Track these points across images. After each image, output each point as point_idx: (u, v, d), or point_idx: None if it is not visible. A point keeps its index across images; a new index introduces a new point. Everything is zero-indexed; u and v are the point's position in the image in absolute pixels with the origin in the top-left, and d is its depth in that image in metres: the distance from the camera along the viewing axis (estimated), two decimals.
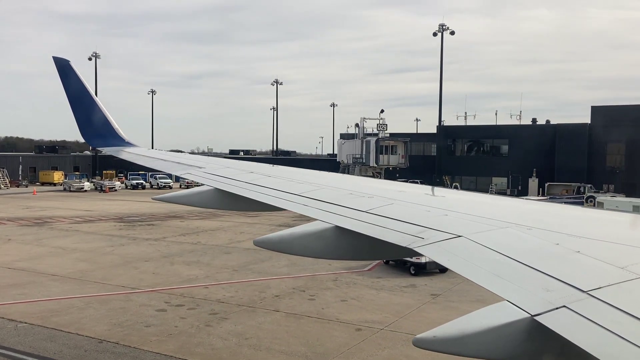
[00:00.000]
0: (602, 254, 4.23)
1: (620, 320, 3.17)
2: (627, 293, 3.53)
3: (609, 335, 3.04)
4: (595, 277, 3.79)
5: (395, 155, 79.36)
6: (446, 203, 6.85)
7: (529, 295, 3.67)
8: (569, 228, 5.10)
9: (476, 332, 3.43)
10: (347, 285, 26.56)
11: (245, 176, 9.83)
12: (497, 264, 4.31)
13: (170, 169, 12.84)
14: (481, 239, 4.87)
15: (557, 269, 3.96)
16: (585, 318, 3.23)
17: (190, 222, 49.95)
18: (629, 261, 3.99)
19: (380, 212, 6.27)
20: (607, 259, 4.09)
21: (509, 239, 4.88)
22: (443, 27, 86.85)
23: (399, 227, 5.64)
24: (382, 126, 79.51)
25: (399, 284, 27.19)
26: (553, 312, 3.37)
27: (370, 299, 24.09)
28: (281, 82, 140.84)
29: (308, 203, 7.41)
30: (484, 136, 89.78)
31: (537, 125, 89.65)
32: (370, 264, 31.52)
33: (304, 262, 31.86)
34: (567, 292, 3.59)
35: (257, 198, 8.36)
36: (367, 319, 21.09)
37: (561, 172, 78.87)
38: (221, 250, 35.57)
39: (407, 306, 23.14)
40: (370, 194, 7.41)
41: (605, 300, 3.40)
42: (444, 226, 5.38)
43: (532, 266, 4.10)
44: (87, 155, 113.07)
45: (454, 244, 4.90)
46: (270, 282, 26.91)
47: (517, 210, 6.61)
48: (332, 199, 7.28)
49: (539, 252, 4.47)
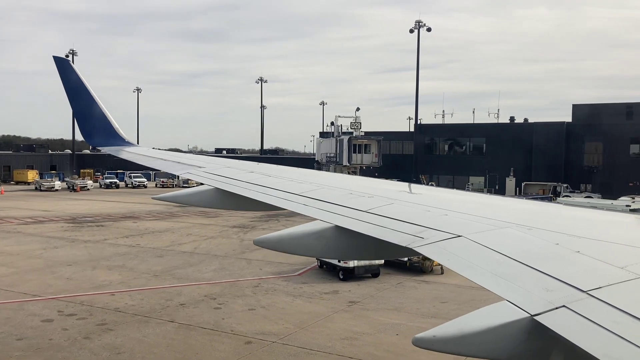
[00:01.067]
0: (601, 254, 4.21)
1: (620, 320, 3.15)
2: (627, 293, 3.53)
3: (609, 335, 3.02)
4: (595, 277, 3.78)
5: (369, 154, 78.17)
6: (446, 203, 6.74)
7: (528, 295, 3.65)
8: (569, 228, 5.07)
9: (476, 332, 3.41)
10: (265, 292, 25.28)
11: (246, 176, 9.78)
12: (497, 263, 4.29)
13: (171, 169, 12.83)
14: (481, 238, 4.84)
15: (557, 269, 3.95)
16: (585, 318, 3.22)
17: (143, 223, 48.78)
18: (629, 261, 3.97)
19: (380, 212, 6.25)
20: (607, 259, 4.08)
21: (509, 239, 4.87)
22: (420, 23, 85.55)
23: (399, 227, 5.61)
24: (356, 124, 78.17)
25: (321, 290, 25.93)
26: (553, 312, 3.37)
27: (280, 308, 22.80)
28: (266, 80, 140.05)
29: (308, 202, 7.38)
30: (461, 135, 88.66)
31: (515, 124, 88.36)
32: (302, 268, 30.25)
33: (234, 267, 30.71)
34: (566, 292, 3.58)
35: (257, 197, 8.32)
36: (264, 330, 19.84)
37: (538, 171, 77.76)
38: (155, 254, 34.31)
39: (316, 315, 21.84)
40: (370, 193, 7.37)
41: (605, 300, 3.39)
42: (444, 226, 5.35)
43: (532, 266, 4.08)
44: (66, 154, 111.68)
45: (453, 243, 4.88)
46: (185, 289, 25.67)
47: (517, 211, 6.61)
48: (332, 198, 7.25)
49: (539, 252, 4.45)
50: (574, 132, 78.51)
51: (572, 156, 77.91)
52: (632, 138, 75.75)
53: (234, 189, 8.98)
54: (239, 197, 8.71)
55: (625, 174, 72.84)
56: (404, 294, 25.55)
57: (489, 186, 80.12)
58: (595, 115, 77.98)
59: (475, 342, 3.41)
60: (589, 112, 79.80)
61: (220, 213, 56.30)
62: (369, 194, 7.34)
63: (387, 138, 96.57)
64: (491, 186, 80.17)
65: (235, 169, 10.77)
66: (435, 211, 6.08)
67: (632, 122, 76.31)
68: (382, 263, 28.85)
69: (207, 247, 37.02)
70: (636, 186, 72.58)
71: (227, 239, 40.26)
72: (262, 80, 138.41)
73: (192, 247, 36.76)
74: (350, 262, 27.55)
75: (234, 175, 9.89)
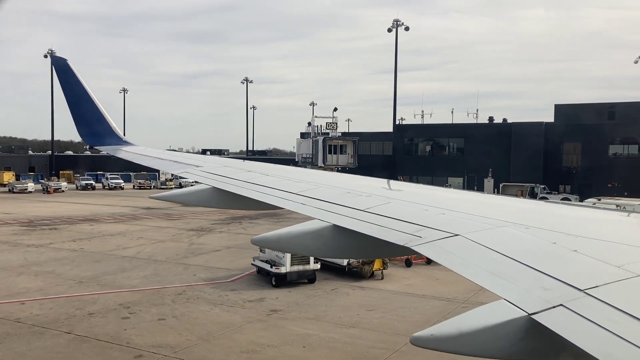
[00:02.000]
0: (598, 252, 4.23)
1: (617, 318, 3.17)
2: (624, 292, 3.53)
3: (606, 334, 3.04)
4: (592, 275, 3.78)
5: (345, 155, 76.52)
6: (444, 202, 6.69)
7: (526, 294, 3.65)
8: (566, 227, 5.08)
9: (473, 331, 3.40)
10: (186, 301, 24.17)
11: (243, 175, 9.73)
12: (495, 262, 4.28)
13: (168, 168, 12.76)
14: (479, 237, 4.84)
15: (554, 268, 3.95)
16: (582, 317, 3.22)
17: (101, 225, 47.73)
18: (625, 260, 3.98)
19: (378, 211, 6.23)
20: (604, 257, 4.09)
21: (507, 237, 4.87)
22: (397, 22, 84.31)
23: (397, 226, 5.59)
24: (332, 125, 76.80)
25: (247, 297, 24.82)
26: (550, 311, 3.36)
27: (193, 317, 21.73)
28: (251, 81, 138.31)
29: (306, 202, 7.34)
30: (440, 135, 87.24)
31: (493, 124, 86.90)
32: (240, 273, 29.26)
33: (168, 272, 29.66)
34: (564, 290, 3.58)
35: (255, 197, 8.30)
36: (162, 343, 18.80)
37: (517, 172, 75.11)
38: (93, 259, 33.25)
39: (227, 325, 20.77)
40: (368, 192, 7.35)
41: (602, 298, 3.39)
42: (442, 225, 5.32)
43: (529, 265, 4.07)
44: (45, 155, 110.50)
45: (451, 242, 4.87)
46: (103, 297, 24.59)
47: (514, 210, 6.59)
48: (330, 197, 7.23)
49: (536, 251, 4.47)
50: (553, 132, 77.11)
51: (551, 157, 76.54)
52: (611, 138, 74.55)
53: (232, 188, 8.95)
54: (237, 196, 8.69)
55: (604, 174, 71.61)
56: (333, 301, 24.44)
57: (468, 187, 78.93)
58: (577, 115, 76.82)
59: (473, 341, 3.39)
60: (571, 112, 78.63)
61: (184, 215, 55.38)
62: (366, 193, 7.32)
63: (368, 139, 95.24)
64: (470, 187, 78.90)
65: (232, 168, 10.74)
66: (433, 210, 6.06)
67: (611, 122, 75.14)
68: (318, 268, 27.81)
69: (151, 251, 35.89)
70: (615, 187, 71.38)
71: (176, 243, 39.14)
72: (247, 81, 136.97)
73: (136, 251, 35.64)
74: (282, 268, 26.50)
75: (231, 175, 9.87)
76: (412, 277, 29.62)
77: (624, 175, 70.50)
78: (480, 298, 25.39)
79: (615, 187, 70.64)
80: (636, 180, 69.09)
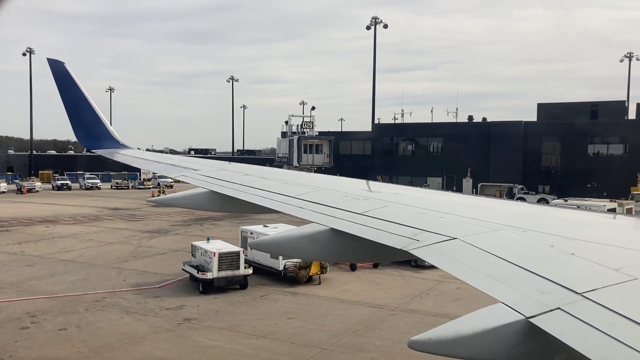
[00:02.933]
0: (596, 256, 4.22)
1: (614, 322, 3.16)
2: (621, 295, 3.53)
3: (604, 337, 3.02)
4: (590, 279, 3.78)
5: (320, 155, 74.64)
6: (441, 205, 6.69)
7: (523, 297, 3.65)
8: (563, 230, 5.08)
9: (471, 334, 3.41)
10: (101, 308, 23.23)
11: (240, 178, 9.77)
12: (492, 266, 4.29)
13: (165, 171, 12.78)
14: (476, 241, 4.85)
15: (552, 271, 3.94)
16: (579, 320, 3.22)
17: (56, 227, 46.71)
18: (623, 263, 3.97)
19: (376, 215, 6.23)
20: (601, 261, 4.08)
21: (504, 241, 4.87)
22: (376, 20, 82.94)
23: (394, 230, 5.61)
24: (308, 124, 75.41)
25: (167, 305, 23.83)
26: (548, 314, 3.36)
27: (98, 327, 20.74)
28: (237, 79, 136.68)
29: (303, 205, 7.34)
30: (419, 135, 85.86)
31: (472, 123, 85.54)
32: (172, 279, 28.08)
33: (99, 277, 28.61)
34: (561, 294, 3.58)
35: (252, 200, 8.32)
36: (49, 356, 18.29)
37: (496, 172, 73.62)
38: (28, 263, 32.36)
39: (130, 336, 20.03)
40: (366, 196, 7.39)
41: (600, 302, 3.39)
42: (439, 228, 5.35)
43: (527, 268, 4.08)
44: (24, 155, 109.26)
45: (449, 246, 4.87)
46: (14, 305, 23.77)
47: (512, 213, 6.61)
48: (328, 201, 7.24)
49: (534, 254, 4.48)
50: (532, 131, 75.74)
51: (530, 156, 75.09)
52: (590, 138, 73.24)
53: (229, 192, 8.97)
54: (234, 200, 8.70)
55: (583, 175, 70.12)
56: (256, 309, 23.31)
57: (447, 187, 77.76)
58: (559, 114, 75.35)
59: (471, 344, 3.40)
60: (554, 111, 77.19)
61: (148, 216, 54.31)
62: (364, 196, 7.33)
63: (348, 138, 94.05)
64: (449, 187, 77.72)
65: (230, 171, 10.84)
66: (431, 214, 6.07)
67: (590, 121, 73.77)
68: (250, 273, 26.67)
69: (94, 254, 34.80)
70: (594, 187, 70.00)
71: (124, 245, 38.00)
72: (232, 79, 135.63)
73: (78, 254, 34.52)
74: (208, 274, 25.32)
75: (228, 178, 9.92)
76: (352, 281, 28.50)
77: (604, 175, 69.16)
78: (414, 305, 24.28)
79: (594, 188, 69.38)
80: (616, 181, 67.78)
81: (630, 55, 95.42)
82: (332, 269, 30.68)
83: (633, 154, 69.08)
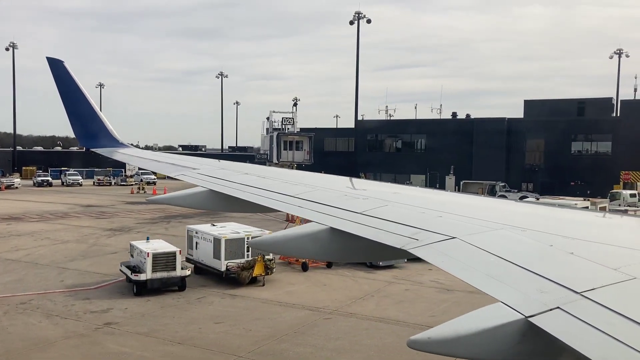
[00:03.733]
0: (595, 255, 4.22)
1: (614, 321, 3.15)
2: (621, 294, 3.54)
3: (603, 336, 3.03)
4: (589, 278, 3.78)
5: (300, 151, 73.53)
6: (441, 205, 6.67)
7: (523, 297, 3.64)
8: (563, 230, 5.06)
9: (471, 333, 3.40)
10: (22, 311, 22.39)
11: (240, 177, 9.82)
12: (492, 265, 4.27)
13: (164, 170, 12.74)
14: (475, 240, 4.83)
15: (551, 271, 3.94)
16: (579, 319, 3.23)
17: (19, 225, 46.05)
18: (623, 262, 3.97)
19: (375, 214, 6.24)
20: (601, 260, 4.08)
21: (503, 240, 4.85)
22: (359, 15, 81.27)
23: (394, 229, 5.60)
24: (288, 120, 74.29)
25: (94, 308, 23.06)
26: (547, 314, 3.37)
27: (8, 332, 20.29)
28: (226, 75, 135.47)
29: (303, 204, 7.34)
30: (403, 131, 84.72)
31: (455, 120, 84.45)
32: (112, 280, 26.94)
33: (36, 278, 27.73)
34: (561, 293, 3.58)
35: (251, 199, 8.35)
36: None
37: (479, 170, 72.77)
38: None
39: (37, 342, 19.32)
40: (365, 195, 7.34)
41: (599, 301, 3.40)
42: (438, 228, 5.34)
43: (526, 267, 4.06)
44: (8, 151, 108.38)
45: (448, 245, 4.86)
46: None
47: (511, 212, 6.62)
48: (327, 200, 7.21)
49: (533, 254, 4.47)
50: (516, 128, 74.53)
51: (513, 154, 74.00)
52: (575, 135, 71.75)
53: (229, 191, 8.98)
54: (234, 199, 8.71)
55: (567, 173, 68.93)
56: (185, 312, 22.36)
57: (430, 185, 76.64)
58: (546, 111, 74.19)
59: (470, 344, 3.38)
60: (541, 108, 75.97)
61: (118, 214, 53.41)
62: (363, 195, 7.33)
63: (334, 135, 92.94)
64: (432, 185, 76.70)
65: (229, 170, 10.85)
66: (430, 213, 6.08)
67: (574, 118, 72.41)
68: (188, 274, 25.64)
69: (42, 253, 33.87)
70: (578, 186, 68.56)
71: (79, 244, 37.06)
72: (222, 75, 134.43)
73: (26, 253, 33.57)
74: (142, 275, 24.26)
75: (228, 177, 9.95)
76: (299, 282, 27.45)
77: (588, 173, 67.73)
78: (354, 308, 23.25)
79: (578, 186, 67.99)
80: (601, 179, 66.41)
81: (619, 52, 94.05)
82: (284, 269, 29.68)
83: (617, 151, 67.66)
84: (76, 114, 15.09)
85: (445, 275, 20.20)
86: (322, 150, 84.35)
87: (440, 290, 25.84)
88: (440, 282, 26.83)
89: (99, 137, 15.30)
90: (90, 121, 15.16)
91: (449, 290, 25.53)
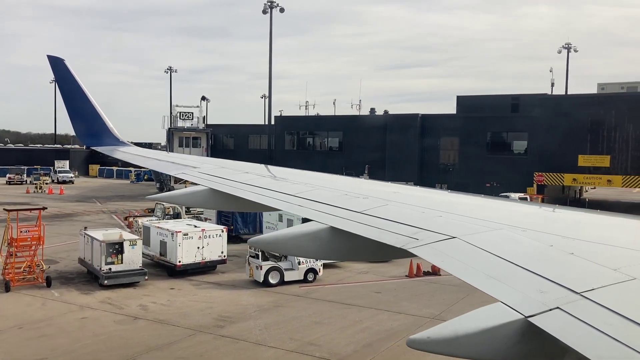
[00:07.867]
0: (595, 255, 4.23)
1: (613, 321, 3.15)
2: (620, 294, 3.54)
3: (602, 336, 3.02)
4: (589, 278, 3.79)
5: (198, 148, 70.79)
6: (441, 205, 6.69)
7: (522, 297, 3.64)
8: (562, 230, 5.06)
9: (470, 333, 3.40)
10: None
11: (240, 176, 9.84)
12: (491, 265, 4.29)
13: (165, 169, 12.91)
14: (475, 240, 4.84)
15: (551, 271, 3.94)
16: (578, 319, 3.21)
17: None
18: (622, 263, 3.98)
19: (375, 213, 6.25)
20: (600, 260, 4.10)
21: (503, 240, 4.85)
22: (272, 3, 74.26)
23: (394, 228, 5.61)
24: (187, 115, 71.08)
25: None
26: (547, 314, 3.35)
27: None
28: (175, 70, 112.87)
29: (303, 204, 7.40)
30: (319, 128, 78.07)
31: (368, 116, 78.50)
32: None
33: None
34: (560, 293, 3.58)
35: (252, 198, 8.37)
36: None
37: (393, 169, 66.36)
38: None
39: None
40: (365, 194, 7.39)
41: (599, 301, 3.39)
42: (438, 227, 5.34)
43: (526, 268, 4.07)
44: None
45: (448, 245, 4.87)
46: None
47: (511, 212, 6.63)
48: (327, 199, 7.26)
49: (533, 254, 4.47)
50: (430, 125, 67.78)
51: (427, 152, 67.47)
52: (491, 133, 64.71)
53: (229, 190, 9.04)
54: (234, 198, 8.76)
55: (482, 173, 61.96)
56: None
57: None
58: (478, 107, 67.33)
59: (470, 344, 3.38)
60: (473, 104, 69.09)
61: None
62: (363, 195, 7.35)
63: (250, 131, 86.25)
64: None
65: (229, 169, 10.87)
66: (430, 212, 6.07)
67: (489, 114, 65.62)
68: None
69: None
70: (494, 187, 62.20)
71: None
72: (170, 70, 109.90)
73: None
74: None
75: (228, 176, 9.97)
76: None
77: (504, 173, 61.27)
78: None
79: (494, 187, 58.88)
80: (517, 180, 59.95)
81: (568, 47, 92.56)
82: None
83: (533, 151, 61.93)
84: (77, 113, 15.14)
85: None
86: (245, 147, 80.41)
87: None
88: None
89: (100, 136, 15.37)
90: (92, 120, 15.20)
91: None
